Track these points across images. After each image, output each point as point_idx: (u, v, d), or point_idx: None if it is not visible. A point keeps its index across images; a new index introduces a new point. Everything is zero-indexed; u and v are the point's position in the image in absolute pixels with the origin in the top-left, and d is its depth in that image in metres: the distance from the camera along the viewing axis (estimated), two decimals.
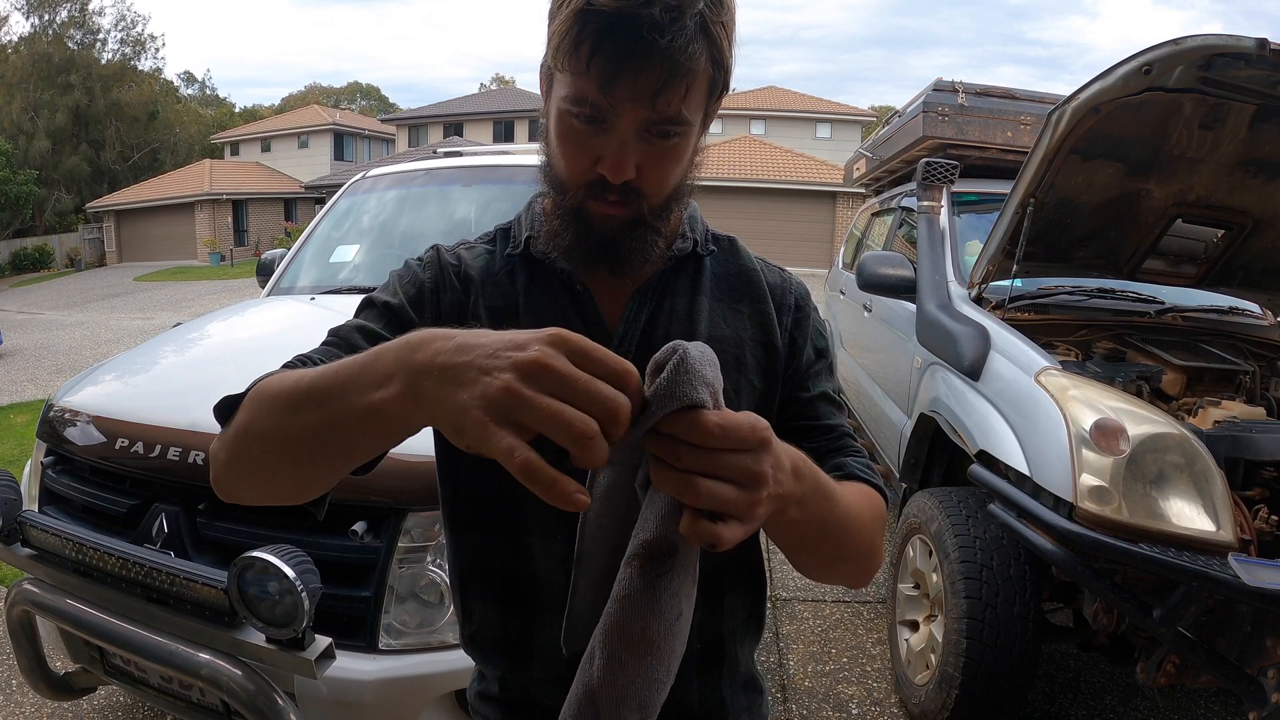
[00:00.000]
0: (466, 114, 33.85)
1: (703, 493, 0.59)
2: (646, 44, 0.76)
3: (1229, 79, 2.42)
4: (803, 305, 1.04)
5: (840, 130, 33.46)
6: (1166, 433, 2.13)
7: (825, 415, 1.00)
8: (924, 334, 3.32)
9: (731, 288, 1.01)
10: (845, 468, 0.95)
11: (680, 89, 0.80)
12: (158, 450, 1.98)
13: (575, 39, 0.78)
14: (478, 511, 0.97)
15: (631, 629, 0.65)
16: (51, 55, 35.89)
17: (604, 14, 0.76)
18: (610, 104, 0.80)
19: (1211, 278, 3.33)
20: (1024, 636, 2.39)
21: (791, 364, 1.01)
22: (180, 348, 2.84)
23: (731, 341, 0.97)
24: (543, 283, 0.96)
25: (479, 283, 0.97)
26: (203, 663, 1.70)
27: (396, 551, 1.81)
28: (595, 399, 0.53)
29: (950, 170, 3.85)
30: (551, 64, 0.83)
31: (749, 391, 0.97)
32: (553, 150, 0.88)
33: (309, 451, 0.69)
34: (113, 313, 17.01)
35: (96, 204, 33.07)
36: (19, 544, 2.00)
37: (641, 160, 0.83)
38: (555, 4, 0.82)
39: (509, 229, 1.03)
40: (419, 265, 0.99)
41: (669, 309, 0.96)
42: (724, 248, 1.04)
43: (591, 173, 0.85)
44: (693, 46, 0.78)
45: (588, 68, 0.78)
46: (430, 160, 4.42)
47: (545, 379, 0.53)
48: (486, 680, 1.02)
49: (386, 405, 0.61)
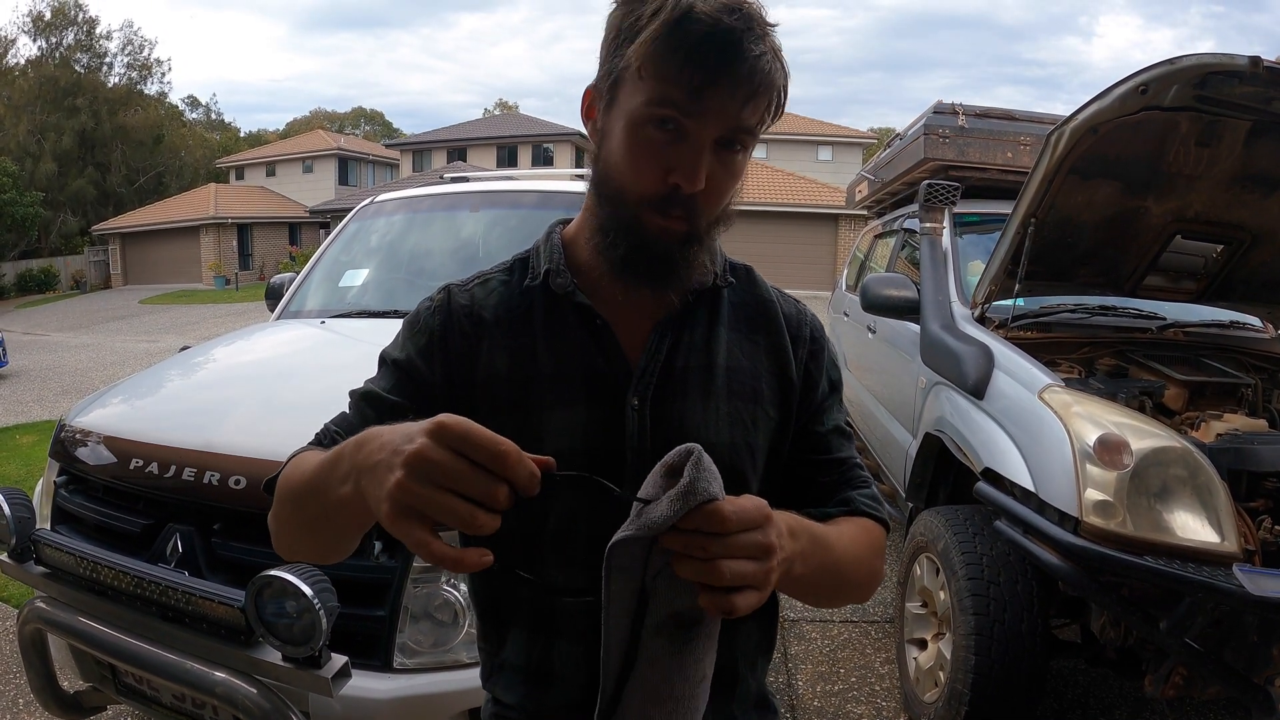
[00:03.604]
0: (470, 139, 34.11)
1: (726, 574, 0.66)
2: (742, 55, 0.80)
3: (1224, 96, 2.46)
4: (818, 338, 1.06)
5: (841, 153, 33.61)
6: (1169, 446, 2.15)
7: (837, 449, 1.04)
8: (928, 354, 3.35)
9: (749, 318, 1.03)
10: (852, 502, 1.00)
11: (763, 102, 0.84)
12: (172, 470, 2.00)
13: (671, 46, 0.81)
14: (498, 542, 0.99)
15: (660, 689, 0.73)
16: (58, 78, 36.16)
17: (700, 22, 0.79)
18: (697, 111, 0.82)
19: (1212, 292, 3.35)
20: (1032, 653, 2.39)
21: (807, 396, 1.03)
22: (191, 370, 2.87)
23: (749, 372, 0.99)
24: (561, 318, 0.97)
25: (492, 323, 0.97)
26: (218, 681, 1.72)
27: (411, 572, 1.83)
28: (472, 486, 0.61)
29: (951, 192, 3.88)
30: (636, 69, 0.84)
31: (765, 422, 0.99)
32: (617, 162, 0.88)
33: (319, 530, 0.81)
34: (118, 335, 17.06)
35: (102, 226, 33.27)
36: (32, 562, 2.02)
37: (710, 172, 0.85)
38: (631, 19, 0.85)
39: (527, 258, 1.03)
40: (428, 311, 1.00)
41: (688, 340, 0.97)
42: (741, 278, 1.06)
43: (661, 184, 0.86)
44: (774, 64, 0.83)
45: (679, 74, 0.81)
46: (438, 185, 4.48)
47: (428, 471, 0.60)
48: (501, 706, 1.02)
49: (347, 501, 0.71)
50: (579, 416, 0.93)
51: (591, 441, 0.92)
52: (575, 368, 0.94)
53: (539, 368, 0.95)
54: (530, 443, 0.91)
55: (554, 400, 0.93)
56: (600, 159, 0.92)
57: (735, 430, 0.96)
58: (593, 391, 0.94)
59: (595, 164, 0.93)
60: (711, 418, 0.95)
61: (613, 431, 0.93)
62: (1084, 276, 3.33)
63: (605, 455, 0.92)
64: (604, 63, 0.89)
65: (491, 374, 0.95)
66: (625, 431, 0.93)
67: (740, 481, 0.96)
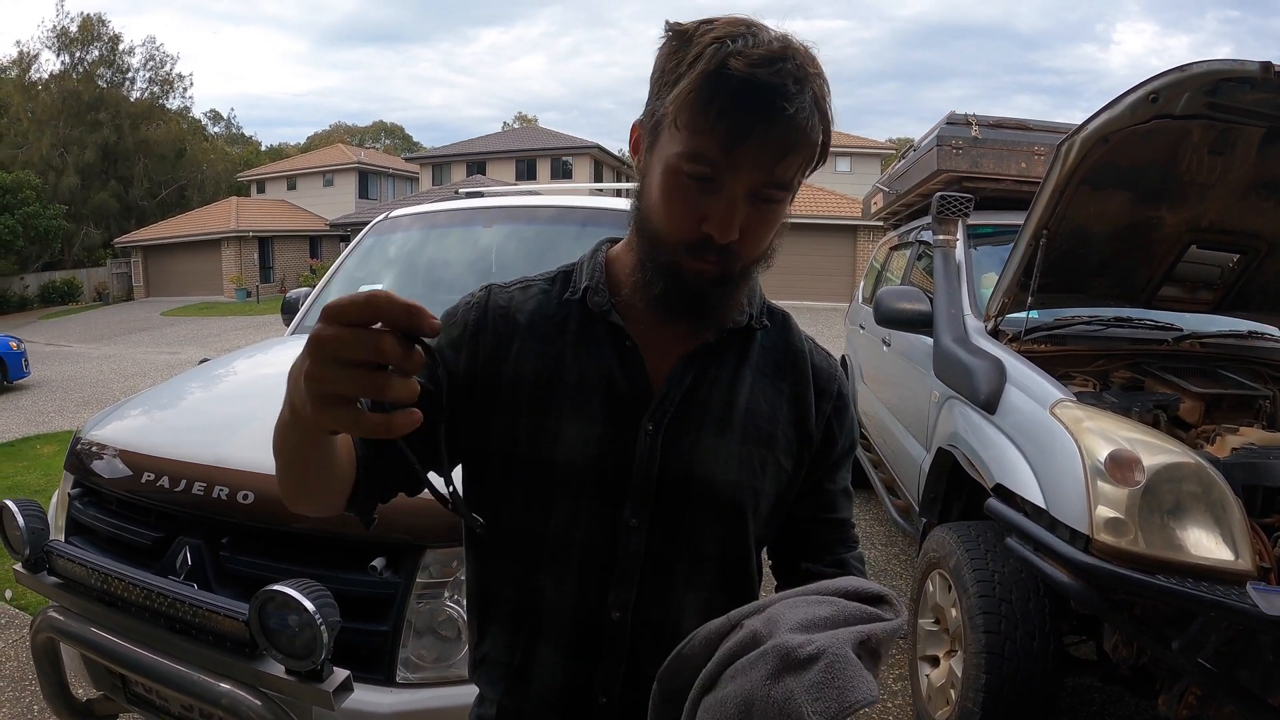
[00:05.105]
0: (489, 153, 34.32)
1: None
2: (776, 111, 0.79)
3: (1236, 103, 2.43)
4: (844, 394, 1.07)
5: (859, 164, 33.58)
6: (1182, 462, 2.12)
7: (841, 509, 1.08)
8: (941, 368, 3.33)
9: (777, 364, 1.04)
10: (846, 565, 1.06)
11: (797, 160, 0.84)
12: (183, 485, 2.01)
13: (706, 99, 0.80)
14: (497, 540, 1.01)
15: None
16: (81, 93, 36.74)
17: (736, 77, 0.79)
18: (730, 165, 0.82)
19: (1229, 302, 3.31)
20: (1044, 670, 2.36)
21: (825, 451, 1.05)
22: (207, 384, 2.90)
23: (767, 417, 1.00)
24: (592, 335, 0.99)
25: (525, 327, 0.99)
26: (223, 692, 1.73)
27: (415, 587, 1.83)
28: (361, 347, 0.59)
29: (964, 204, 3.86)
30: (672, 119, 0.84)
31: (774, 469, 1.00)
32: (654, 205, 0.90)
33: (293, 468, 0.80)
34: (139, 346, 17.26)
35: (124, 239, 33.73)
36: (45, 572, 2.05)
37: (744, 222, 0.86)
38: (669, 69, 0.85)
39: (571, 271, 1.05)
40: (466, 306, 1.02)
41: (713, 375, 0.99)
42: (777, 324, 1.07)
43: (695, 232, 0.86)
44: (812, 119, 0.82)
45: (714, 128, 0.81)
46: (452, 200, 4.51)
47: (325, 351, 0.60)
48: (485, 704, 1.05)
49: (297, 420, 0.70)
50: (594, 431, 0.95)
51: (602, 457, 0.94)
52: (598, 383, 0.96)
53: (564, 377, 0.97)
54: (544, 446, 0.95)
55: (573, 411, 0.95)
56: (641, 197, 0.93)
57: (743, 471, 0.97)
58: (611, 409, 0.95)
59: (636, 199, 0.95)
60: (722, 454, 0.97)
61: (624, 451, 0.95)
62: (1098, 288, 3.30)
63: (613, 472, 0.95)
64: (650, 100, 0.90)
65: (518, 376, 0.97)
66: (635, 453, 0.94)
67: (739, 519, 0.98)
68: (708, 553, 0.98)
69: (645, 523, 0.95)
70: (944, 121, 4.33)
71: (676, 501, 0.95)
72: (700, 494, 0.96)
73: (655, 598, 0.97)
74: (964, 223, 3.93)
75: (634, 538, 0.95)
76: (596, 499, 0.95)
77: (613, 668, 0.97)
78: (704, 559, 0.98)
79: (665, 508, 0.95)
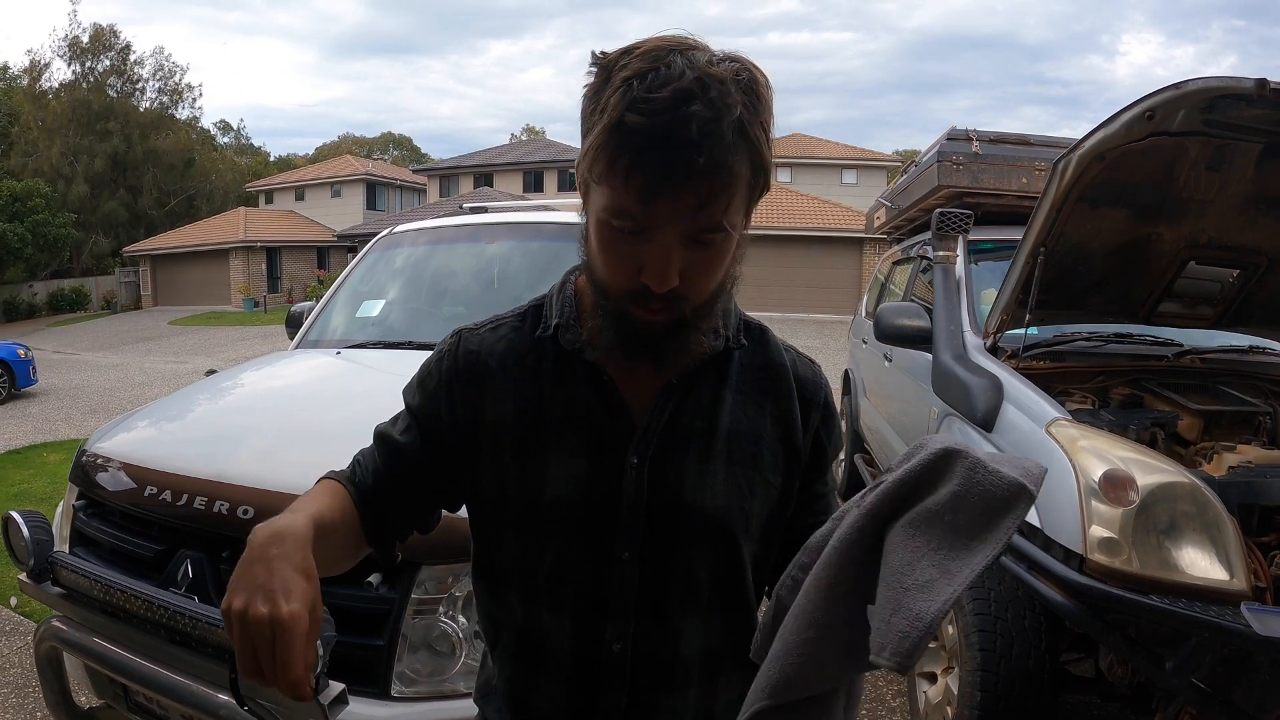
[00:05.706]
0: (497, 164, 34.37)
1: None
2: (684, 162, 0.75)
3: (1232, 119, 2.43)
4: (830, 403, 1.07)
5: (866, 176, 33.46)
6: (1176, 482, 2.12)
7: (834, 506, 1.06)
8: (939, 385, 3.33)
9: (756, 381, 1.02)
10: None
11: (722, 203, 0.80)
12: (185, 499, 2.04)
13: (612, 156, 0.78)
14: (501, 574, 1.02)
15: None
16: (91, 102, 36.89)
17: (638, 131, 0.75)
18: (651, 217, 0.80)
19: (1229, 318, 3.30)
20: (1039, 689, 2.36)
21: (817, 460, 1.05)
22: (211, 397, 2.93)
23: (749, 437, 0.99)
24: (569, 372, 0.98)
25: (497, 370, 0.99)
26: (221, 704, 1.75)
27: (410, 602, 1.85)
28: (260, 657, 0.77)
29: (964, 220, 3.87)
30: (587, 177, 0.83)
31: (763, 489, 0.99)
32: (594, 256, 0.89)
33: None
34: (147, 355, 17.34)
35: (133, 248, 33.86)
36: (49, 583, 2.07)
37: (685, 266, 0.83)
38: (587, 114, 0.82)
39: (542, 305, 1.04)
40: (436, 359, 1.03)
41: (694, 402, 0.98)
42: (754, 339, 1.05)
43: (635, 281, 0.84)
44: (732, 159, 0.78)
45: (625, 185, 0.78)
46: (457, 216, 4.53)
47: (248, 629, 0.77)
48: None
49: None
50: (580, 468, 0.95)
51: (590, 494, 0.95)
52: (579, 420, 0.96)
53: (545, 416, 0.97)
54: (532, 487, 0.95)
55: (558, 450, 0.95)
56: (585, 246, 0.93)
57: (730, 495, 0.97)
58: (595, 445, 0.95)
59: (582, 244, 0.94)
60: (708, 481, 0.96)
61: (611, 486, 0.95)
62: (1097, 305, 3.30)
63: (601, 508, 0.95)
64: (581, 143, 0.86)
65: (499, 419, 0.98)
66: (623, 487, 0.94)
67: (731, 544, 0.98)
68: (702, 579, 0.98)
69: (637, 555, 0.95)
70: (945, 137, 4.35)
71: (666, 532, 0.95)
72: (689, 522, 0.96)
73: (653, 627, 0.97)
74: (964, 239, 3.93)
75: (627, 571, 0.95)
76: (587, 535, 0.95)
77: (615, 698, 0.97)
78: (698, 585, 0.98)
79: (656, 539, 0.95)
